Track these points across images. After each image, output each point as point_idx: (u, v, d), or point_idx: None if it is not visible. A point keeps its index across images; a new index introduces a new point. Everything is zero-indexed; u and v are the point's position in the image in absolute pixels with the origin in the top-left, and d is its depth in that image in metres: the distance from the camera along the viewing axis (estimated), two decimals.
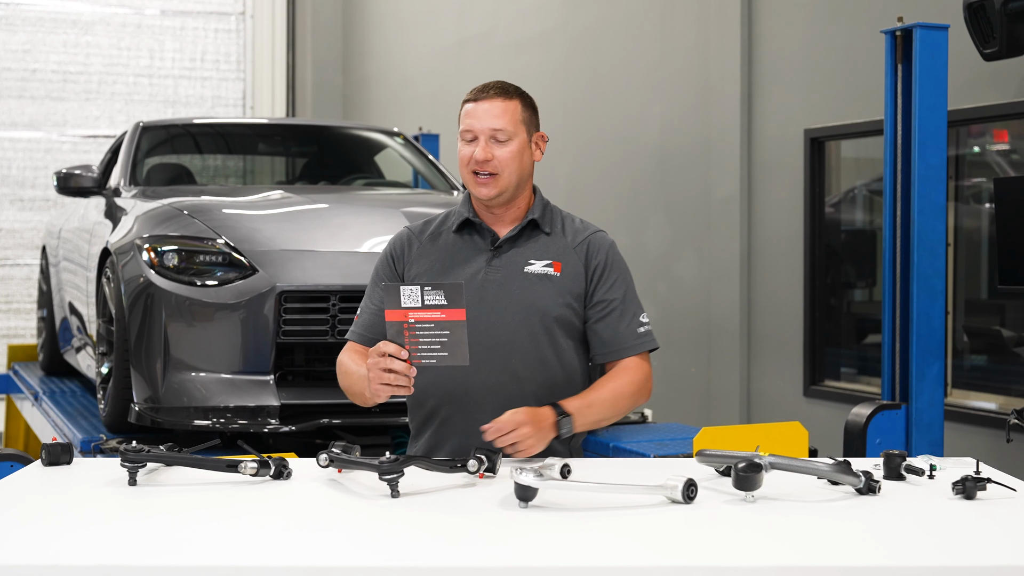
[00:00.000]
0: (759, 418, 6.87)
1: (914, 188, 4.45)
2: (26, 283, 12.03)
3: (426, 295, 2.50)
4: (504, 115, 2.80)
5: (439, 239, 2.90)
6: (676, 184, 7.55)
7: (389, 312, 2.53)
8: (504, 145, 2.80)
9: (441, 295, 2.50)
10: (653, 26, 7.75)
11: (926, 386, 4.44)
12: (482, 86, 2.85)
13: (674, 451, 4.14)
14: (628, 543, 1.99)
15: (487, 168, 2.79)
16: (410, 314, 2.51)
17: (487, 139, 2.79)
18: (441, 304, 2.50)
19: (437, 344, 2.52)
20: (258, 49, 12.86)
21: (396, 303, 2.51)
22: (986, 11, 4.51)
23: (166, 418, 4.12)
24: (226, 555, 1.92)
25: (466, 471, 2.45)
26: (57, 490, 2.44)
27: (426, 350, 2.52)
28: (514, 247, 2.85)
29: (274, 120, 9.14)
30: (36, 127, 12.20)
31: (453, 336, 2.51)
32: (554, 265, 2.84)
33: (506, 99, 2.82)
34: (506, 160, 2.80)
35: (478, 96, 2.83)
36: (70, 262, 5.93)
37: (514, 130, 2.81)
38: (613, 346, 2.85)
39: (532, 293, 2.80)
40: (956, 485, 2.33)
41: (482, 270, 2.83)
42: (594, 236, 2.90)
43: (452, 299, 2.50)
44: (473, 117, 2.81)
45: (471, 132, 2.81)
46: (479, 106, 2.81)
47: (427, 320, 2.50)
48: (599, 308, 2.85)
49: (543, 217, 2.89)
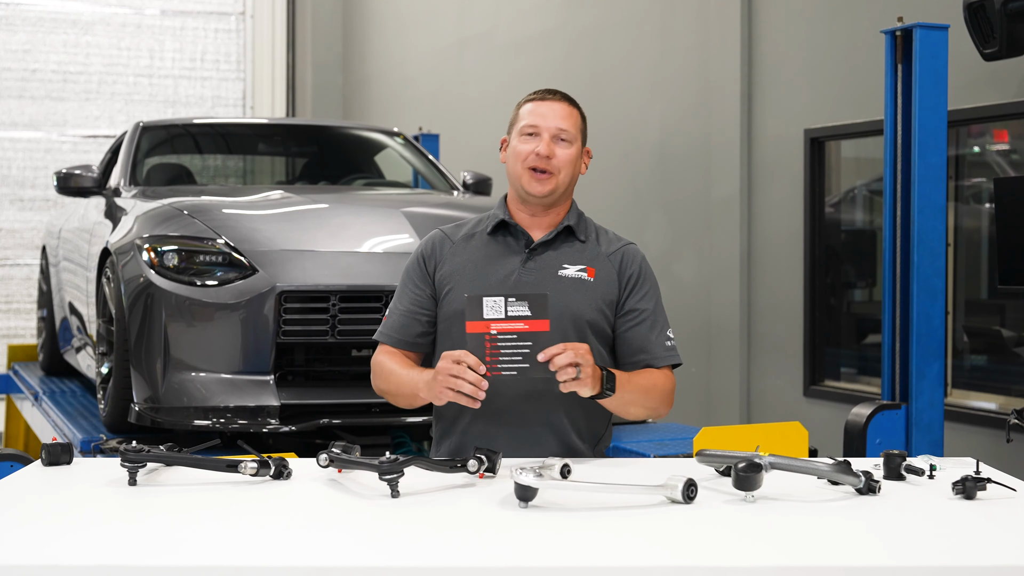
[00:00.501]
0: (759, 418, 6.87)
1: (914, 188, 4.45)
2: (26, 283, 12.03)
3: (510, 306, 2.51)
4: (569, 118, 2.86)
5: (472, 240, 2.91)
6: (676, 184, 7.55)
7: (471, 324, 2.52)
8: (566, 146, 2.84)
9: (525, 306, 2.51)
10: (653, 26, 7.76)
11: (926, 386, 4.45)
12: (546, 89, 2.91)
13: (674, 451, 4.13)
14: (628, 543, 1.99)
15: (547, 166, 2.82)
16: (492, 325, 2.51)
17: (551, 137, 2.83)
18: (525, 315, 2.51)
19: (519, 356, 2.52)
20: (258, 49, 12.86)
21: (478, 314, 2.51)
22: (986, 11, 4.51)
23: (166, 418, 4.12)
24: (226, 555, 1.92)
25: (466, 471, 2.45)
26: (57, 490, 2.44)
27: (507, 361, 2.52)
28: (548, 250, 2.87)
29: (274, 120, 9.14)
30: (36, 127, 12.20)
31: (536, 347, 2.51)
32: (588, 271, 2.85)
33: (571, 105, 2.89)
34: (565, 161, 2.84)
35: (544, 96, 2.88)
36: (70, 262, 5.93)
37: (576, 135, 2.86)
38: (643, 353, 2.86)
39: (566, 296, 2.81)
40: (956, 485, 2.33)
41: (516, 271, 2.84)
42: (628, 247, 2.94)
43: (536, 310, 2.51)
44: (538, 115, 2.84)
45: (535, 128, 2.83)
46: (546, 105, 2.86)
47: (510, 331, 2.51)
48: (631, 317, 2.87)
49: (578, 225, 2.91)
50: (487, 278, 2.82)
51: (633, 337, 2.86)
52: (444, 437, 2.89)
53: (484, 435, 2.78)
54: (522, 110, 2.88)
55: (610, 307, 2.86)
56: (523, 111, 2.88)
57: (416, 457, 2.41)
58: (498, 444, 2.66)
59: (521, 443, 2.76)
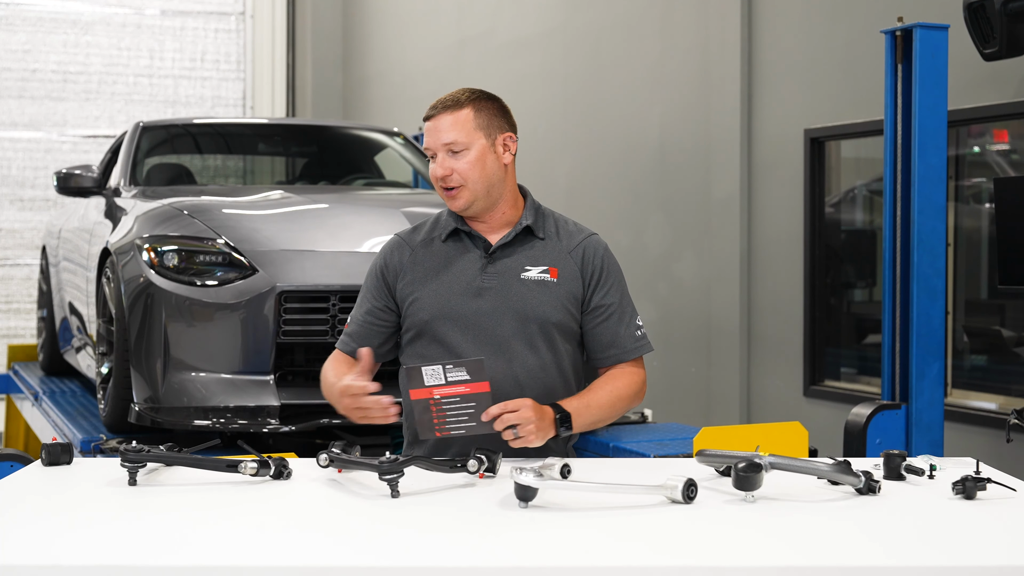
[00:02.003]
0: (759, 418, 6.87)
1: (914, 188, 4.45)
2: (26, 283, 12.03)
3: (448, 372, 2.57)
4: (454, 127, 2.79)
5: (431, 245, 2.89)
6: (676, 184, 7.55)
7: (414, 392, 2.58)
8: (460, 156, 2.79)
9: (463, 371, 2.57)
10: (653, 26, 7.75)
11: (926, 386, 4.45)
12: (435, 102, 2.85)
13: (674, 451, 4.13)
14: (628, 543, 1.99)
15: (450, 182, 2.80)
16: (435, 391, 2.57)
17: (444, 154, 2.80)
18: (464, 379, 2.57)
19: (464, 415, 2.58)
20: (258, 49, 12.86)
21: (420, 383, 2.57)
22: (986, 11, 4.51)
23: (166, 418, 4.12)
24: (226, 555, 1.92)
25: (466, 471, 2.45)
26: (57, 490, 2.44)
27: (454, 422, 2.58)
28: (508, 255, 2.85)
29: (274, 120, 9.14)
30: (36, 127, 12.20)
31: (479, 407, 2.57)
32: (550, 271, 2.84)
33: (455, 110, 2.80)
34: (465, 170, 2.79)
35: (429, 113, 2.84)
36: (70, 262, 5.93)
37: (468, 139, 2.79)
38: (613, 348, 2.86)
39: (531, 300, 2.80)
40: (956, 485, 2.33)
41: (477, 277, 2.82)
42: (588, 240, 2.90)
43: (474, 373, 2.57)
44: (429, 136, 2.83)
45: (429, 149, 2.83)
46: (431, 124, 2.83)
47: (452, 395, 2.57)
48: (598, 313, 2.86)
49: (536, 223, 2.88)
50: (449, 287, 2.82)
51: (602, 333, 2.86)
52: (413, 445, 2.88)
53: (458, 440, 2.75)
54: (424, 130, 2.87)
55: (575, 305, 2.85)
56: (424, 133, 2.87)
57: (416, 457, 2.41)
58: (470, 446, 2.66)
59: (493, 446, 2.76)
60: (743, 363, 6.99)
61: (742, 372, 6.99)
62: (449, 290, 2.81)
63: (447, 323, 2.80)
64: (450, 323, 2.79)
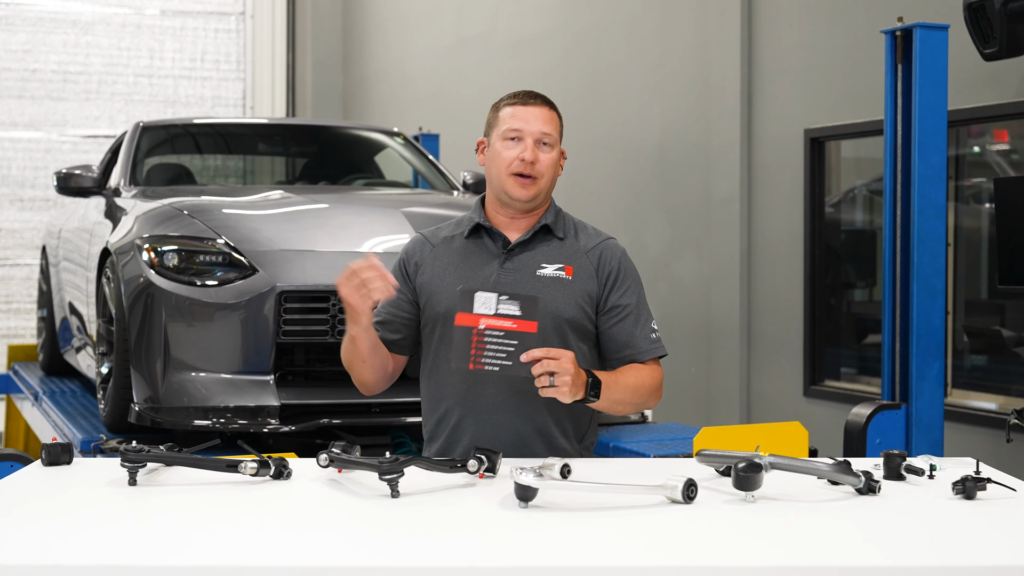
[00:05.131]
0: (759, 418, 6.87)
1: (914, 188, 4.45)
2: (26, 283, 12.03)
3: (501, 304, 2.54)
4: (551, 122, 2.87)
5: (452, 243, 2.93)
6: (676, 184, 7.55)
7: (460, 316, 2.55)
8: (549, 151, 2.86)
9: (516, 306, 2.54)
10: (653, 26, 7.76)
11: (926, 386, 4.44)
12: (525, 92, 2.90)
13: (674, 451, 4.13)
14: (628, 543, 1.99)
15: (531, 171, 2.83)
16: (481, 320, 2.54)
17: (535, 142, 2.84)
18: (514, 315, 2.54)
19: (503, 353, 2.55)
20: (258, 49, 12.86)
21: (469, 307, 2.54)
22: (986, 11, 4.51)
23: (166, 418, 4.12)
24: (226, 555, 1.92)
25: (466, 471, 2.45)
26: (57, 490, 2.44)
27: (491, 357, 2.55)
28: (526, 251, 2.88)
29: (274, 120, 9.14)
30: (36, 127, 12.20)
31: (520, 347, 2.54)
32: (566, 269, 2.86)
33: (551, 109, 2.90)
34: (548, 165, 2.85)
35: (525, 100, 2.87)
36: (70, 262, 5.93)
37: (557, 138, 2.88)
38: (628, 348, 2.87)
39: (545, 295, 2.82)
40: (956, 485, 2.33)
41: (495, 273, 2.85)
42: (606, 243, 2.94)
43: (527, 311, 2.54)
44: (522, 120, 2.84)
45: (518, 132, 2.83)
46: (528, 110, 2.85)
47: (497, 328, 2.54)
48: (614, 313, 2.88)
49: (556, 223, 2.92)
50: (467, 281, 2.84)
51: (617, 333, 2.87)
52: (432, 440, 2.91)
53: (472, 436, 2.80)
54: (502, 113, 2.87)
55: (590, 304, 2.87)
56: (504, 114, 2.87)
57: (416, 457, 2.41)
58: (485, 441, 2.68)
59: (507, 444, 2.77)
60: (743, 363, 7.00)
61: (742, 372, 6.99)
62: (466, 285, 2.83)
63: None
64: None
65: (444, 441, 2.86)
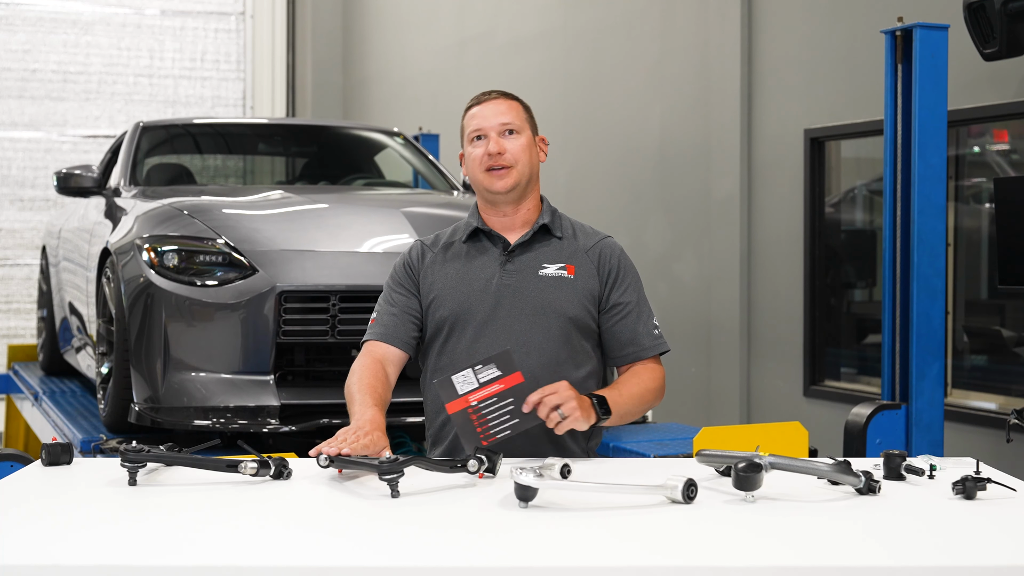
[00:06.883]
0: (759, 418, 6.87)
1: (914, 188, 4.45)
2: (26, 283, 12.03)
3: (478, 374, 2.54)
4: (510, 111, 2.90)
5: (451, 249, 2.95)
6: (676, 184, 7.55)
7: (450, 405, 2.55)
8: (515, 137, 2.88)
9: (493, 367, 2.54)
10: (653, 26, 7.75)
11: (926, 386, 4.44)
12: (482, 92, 2.96)
13: (674, 451, 4.14)
14: (628, 543, 1.99)
15: (501, 161, 2.86)
16: (471, 398, 2.54)
17: (498, 134, 2.87)
18: (496, 376, 2.55)
19: (506, 414, 2.56)
20: (258, 49, 12.86)
21: (452, 393, 2.54)
22: (986, 11, 4.51)
23: (166, 418, 4.12)
24: (226, 555, 1.92)
25: (466, 471, 2.45)
26: (57, 490, 2.43)
27: (497, 424, 2.56)
28: (527, 252, 2.90)
29: (274, 120, 9.14)
30: (36, 127, 12.20)
31: (518, 401, 2.55)
32: (567, 268, 2.89)
33: (509, 99, 2.93)
34: (518, 152, 2.87)
35: (481, 99, 2.93)
36: (70, 262, 5.93)
37: (522, 124, 2.90)
38: (631, 346, 2.90)
39: (547, 295, 2.84)
40: (956, 485, 2.33)
41: (496, 275, 2.87)
42: (605, 242, 2.96)
43: (504, 366, 2.54)
44: (480, 118, 2.89)
45: (480, 131, 2.88)
46: (484, 107, 2.91)
47: (488, 396, 2.55)
48: (616, 311, 2.90)
49: (553, 222, 2.94)
50: (469, 284, 2.87)
51: (620, 331, 2.90)
52: (436, 443, 2.91)
53: None
54: (465, 119, 2.94)
55: (592, 302, 2.89)
56: (466, 120, 2.93)
57: (416, 457, 2.41)
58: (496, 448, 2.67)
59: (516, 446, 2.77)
60: (743, 363, 7.00)
61: (742, 372, 6.99)
62: (468, 287, 2.86)
63: (466, 320, 2.85)
64: (469, 320, 2.84)
65: (449, 444, 2.86)
